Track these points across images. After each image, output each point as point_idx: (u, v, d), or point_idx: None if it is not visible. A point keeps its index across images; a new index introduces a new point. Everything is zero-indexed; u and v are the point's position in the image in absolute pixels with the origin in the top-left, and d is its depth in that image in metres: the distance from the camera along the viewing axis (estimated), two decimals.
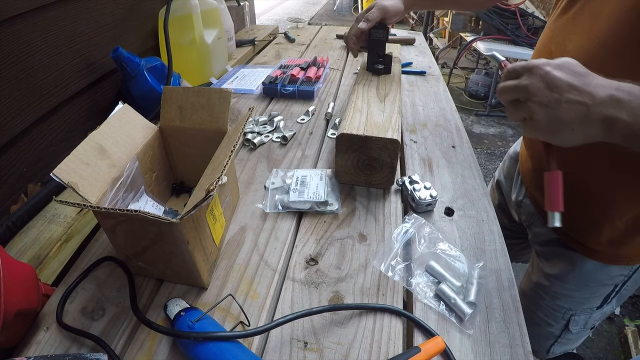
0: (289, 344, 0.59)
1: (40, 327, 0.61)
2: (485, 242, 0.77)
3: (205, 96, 0.78)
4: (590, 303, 1.01)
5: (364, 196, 0.87)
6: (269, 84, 1.34)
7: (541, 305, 1.07)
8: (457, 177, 0.94)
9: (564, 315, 1.04)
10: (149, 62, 1.20)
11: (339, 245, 0.76)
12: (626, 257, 0.90)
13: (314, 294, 0.66)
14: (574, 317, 1.03)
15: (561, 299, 1.02)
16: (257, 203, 0.85)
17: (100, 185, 0.61)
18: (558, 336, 1.09)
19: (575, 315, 1.03)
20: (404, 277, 0.69)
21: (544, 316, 1.07)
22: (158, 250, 0.62)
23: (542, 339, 1.08)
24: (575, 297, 1.00)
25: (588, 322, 1.05)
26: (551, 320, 1.06)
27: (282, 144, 1.07)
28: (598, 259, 0.92)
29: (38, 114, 0.98)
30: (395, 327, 0.62)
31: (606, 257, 0.91)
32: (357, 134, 0.81)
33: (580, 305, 1.01)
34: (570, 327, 1.05)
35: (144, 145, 0.74)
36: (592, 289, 0.98)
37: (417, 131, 1.13)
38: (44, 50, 0.98)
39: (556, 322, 1.06)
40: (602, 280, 0.95)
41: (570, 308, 1.02)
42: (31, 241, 0.81)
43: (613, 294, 0.99)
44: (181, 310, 0.58)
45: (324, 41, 2.00)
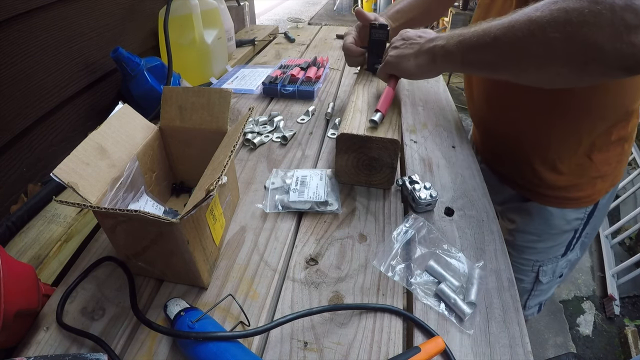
0: (289, 343, 0.59)
1: (40, 327, 0.61)
2: (485, 242, 0.77)
3: (205, 96, 0.78)
4: (554, 252, 1.11)
5: (364, 196, 0.87)
6: (269, 84, 1.34)
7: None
8: (457, 177, 0.94)
9: (532, 268, 1.14)
10: (149, 62, 1.20)
11: (339, 245, 0.76)
12: (577, 200, 1.01)
13: (314, 294, 0.66)
14: (542, 267, 1.13)
15: (526, 251, 1.12)
16: (257, 203, 0.85)
17: (100, 185, 0.61)
18: (531, 289, 1.19)
19: (543, 265, 1.13)
20: (404, 277, 0.69)
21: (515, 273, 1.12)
22: (158, 250, 0.62)
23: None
24: (539, 248, 1.10)
25: (556, 270, 1.16)
26: (522, 276, 1.16)
27: (282, 144, 1.07)
28: (552, 204, 1.03)
29: (38, 114, 0.98)
30: (395, 327, 0.62)
31: (559, 201, 1.02)
32: (357, 134, 0.81)
33: (545, 255, 1.11)
34: (541, 278, 1.15)
35: (144, 145, 0.74)
36: (553, 237, 1.08)
37: (417, 131, 1.13)
38: (44, 50, 0.98)
39: (527, 277, 1.16)
40: (560, 226, 1.05)
41: (537, 260, 1.12)
42: (31, 241, 0.81)
43: (575, 241, 1.09)
44: (181, 310, 0.58)
45: (324, 41, 2.00)
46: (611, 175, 1.00)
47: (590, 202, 1.02)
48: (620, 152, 0.98)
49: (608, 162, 0.97)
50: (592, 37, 0.56)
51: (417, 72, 0.87)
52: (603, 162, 0.96)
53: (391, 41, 0.96)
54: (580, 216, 1.04)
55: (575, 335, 2.15)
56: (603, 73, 0.60)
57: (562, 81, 0.68)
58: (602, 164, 0.96)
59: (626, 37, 0.53)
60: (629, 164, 3.03)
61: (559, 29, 0.59)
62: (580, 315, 2.25)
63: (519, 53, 0.67)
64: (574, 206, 1.02)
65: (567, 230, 1.07)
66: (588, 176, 0.97)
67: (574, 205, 1.02)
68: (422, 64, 0.84)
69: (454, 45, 0.76)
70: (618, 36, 0.54)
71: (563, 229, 1.06)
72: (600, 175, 0.98)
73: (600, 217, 1.10)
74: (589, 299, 2.35)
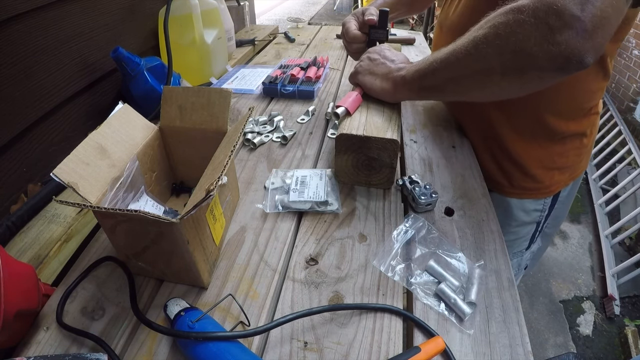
0: (289, 343, 0.59)
1: (40, 327, 0.61)
2: (485, 242, 0.77)
3: (205, 96, 0.78)
4: (518, 246, 1.15)
5: (364, 196, 0.87)
6: (269, 84, 1.34)
7: None
8: (457, 177, 0.94)
9: None
10: (149, 62, 1.20)
11: (339, 245, 0.75)
12: (535, 190, 1.04)
13: (314, 293, 0.66)
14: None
15: None
16: (257, 203, 0.85)
17: (100, 185, 0.61)
18: None
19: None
20: (404, 277, 0.69)
21: None
22: (158, 250, 0.62)
23: None
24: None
25: (521, 263, 1.20)
26: None
27: (282, 144, 1.07)
28: (511, 195, 1.06)
29: (38, 114, 0.98)
30: (395, 327, 0.62)
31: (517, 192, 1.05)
32: (357, 134, 0.81)
33: (510, 250, 1.11)
34: None
35: (144, 145, 0.74)
36: (515, 231, 1.11)
37: (417, 131, 1.13)
38: (44, 50, 0.98)
39: None
40: (520, 217, 1.08)
41: None
42: (31, 241, 0.81)
43: (537, 233, 1.13)
44: (181, 310, 0.58)
45: (324, 41, 2.00)
46: (570, 168, 1.03)
47: (548, 193, 1.05)
48: (579, 145, 1.00)
49: (565, 155, 0.99)
50: (520, 45, 0.60)
51: (380, 94, 0.91)
52: (559, 155, 0.99)
53: (368, 50, 1.01)
54: (539, 207, 1.07)
55: (576, 335, 2.15)
56: (540, 77, 0.63)
57: (506, 93, 0.72)
58: (559, 156, 0.99)
59: (551, 38, 0.56)
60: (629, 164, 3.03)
61: (489, 43, 0.63)
62: (581, 315, 2.26)
63: (460, 72, 0.72)
64: (531, 196, 1.05)
65: (527, 222, 1.09)
66: (544, 167, 1.00)
67: (532, 196, 1.05)
68: (385, 89, 0.89)
69: (411, 74, 0.82)
70: (544, 39, 0.57)
71: (523, 220, 1.08)
72: (557, 167, 1.01)
73: (562, 209, 1.13)
74: (589, 299, 2.35)
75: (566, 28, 0.55)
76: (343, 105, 0.88)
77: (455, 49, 0.70)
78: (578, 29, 0.55)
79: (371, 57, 0.96)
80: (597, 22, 0.55)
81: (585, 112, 0.95)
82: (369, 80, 0.92)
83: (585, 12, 0.54)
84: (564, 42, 0.56)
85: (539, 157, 0.99)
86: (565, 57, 0.57)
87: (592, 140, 1.04)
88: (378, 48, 0.99)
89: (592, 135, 1.03)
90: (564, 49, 0.56)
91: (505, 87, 0.68)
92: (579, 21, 0.54)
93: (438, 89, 0.81)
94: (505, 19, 0.61)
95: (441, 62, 0.74)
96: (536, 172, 1.01)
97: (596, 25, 0.55)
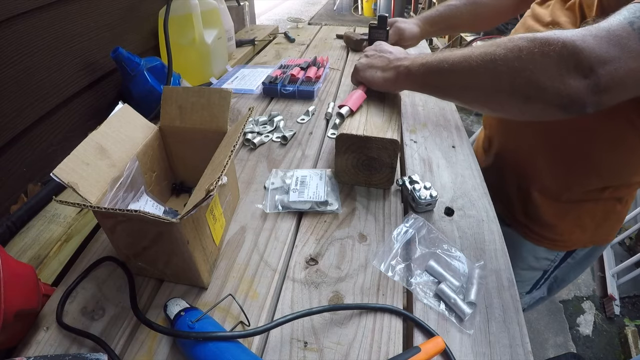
0: (289, 343, 0.59)
1: (40, 327, 0.61)
2: (485, 242, 0.77)
3: (205, 96, 0.78)
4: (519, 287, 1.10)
5: (364, 196, 0.87)
6: (269, 84, 1.34)
7: None
8: (457, 177, 0.94)
9: None
10: (149, 62, 1.20)
11: (339, 245, 0.76)
12: (551, 241, 1.02)
13: (314, 293, 0.66)
14: None
15: None
16: (257, 203, 0.85)
17: (100, 185, 0.61)
18: None
19: None
20: (404, 277, 0.69)
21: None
22: (158, 250, 0.62)
23: None
24: None
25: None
26: None
27: (282, 144, 1.07)
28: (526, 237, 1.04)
29: (38, 114, 0.98)
30: (395, 327, 0.62)
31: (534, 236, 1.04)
32: (357, 134, 0.81)
33: None
34: None
35: (144, 145, 0.74)
36: (519, 273, 1.08)
37: (417, 131, 1.13)
38: (44, 50, 0.98)
39: None
40: (528, 262, 1.07)
41: None
42: (31, 241, 0.81)
43: (542, 281, 1.11)
44: (181, 310, 0.58)
45: (324, 41, 2.00)
46: (593, 230, 1.00)
47: (563, 247, 1.03)
48: (611, 210, 0.97)
49: (592, 215, 0.97)
50: (536, 75, 0.61)
51: (382, 84, 0.91)
52: (586, 213, 0.97)
53: (364, 50, 1.03)
54: (551, 257, 1.05)
55: (575, 335, 2.15)
56: (542, 109, 0.64)
57: (504, 112, 0.74)
58: (585, 215, 0.97)
59: (565, 78, 0.58)
60: None
61: (508, 64, 0.64)
62: (581, 315, 2.26)
63: (469, 82, 0.72)
64: (546, 246, 1.03)
65: (535, 268, 1.08)
66: (567, 221, 0.98)
67: (546, 245, 1.03)
68: (387, 78, 0.90)
69: (417, 67, 0.82)
70: (559, 77, 0.59)
71: (531, 265, 1.07)
72: (579, 225, 0.99)
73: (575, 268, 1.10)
74: (589, 298, 2.35)
75: (581, 77, 0.57)
76: (346, 105, 0.88)
77: (470, 56, 0.70)
78: (591, 81, 0.57)
79: (368, 54, 0.97)
80: (610, 84, 0.57)
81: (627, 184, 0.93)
82: (369, 74, 0.93)
83: (603, 71, 0.56)
84: (575, 87, 0.58)
85: (566, 210, 0.97)
86: (570, 100, 0.59)
87: (627, 209, 1.01)
88: (374, 45, 1.01)
89: (628, 204, 1.00)
90: (572, 92, 0.58)
91: (507, 107, 0.70)
92: (595, 76, 0.56)
93: (442, 90, 0.81)
94: (530, 46, 0.62)
95: (452, 65, 0.74)
96: (558, 224, 0.99)
97: (609, 87, 0.57)
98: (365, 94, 0.93)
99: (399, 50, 0.95)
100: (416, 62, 0.83)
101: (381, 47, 0.97)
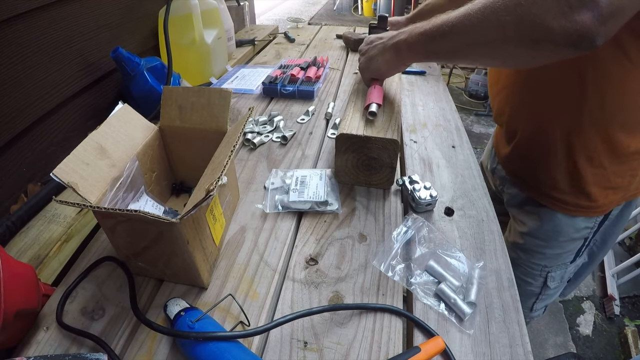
0: (289, 343, 0.59)
1: (40, 327, 0.61)
2: (485, 242, 0.77)
3: (205, 96, 0.78)
4: (563, 259, 1.11)
5: (364, 196, 0.88)
6: (269, 84, 1.34)
7: (519, 265, 1.16)
8: (457, 177, 0.94)
9: (541, 273, 1.14)
10: (149, 62, 1.20)
11: (339, 245, 0.76)
12: (587, 208, 1.00)
13: (314, 293, 0.67)
14: (550, 273, 1.14)
15: (535, 256, 1.12)
16: (257, 203, 0.85)
17: (100, 185, 0.61)
18: (539, 293, 1.20)
19: (552, 271, 1.13)
20: (404, 277, 0.69)
21: (523, 275, 1.17)
22: (158, 250, 0.62)
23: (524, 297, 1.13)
24: (548, 254, 1.10)
25: (564, 276, 1.16)
26: (530, 279, 1.16)
27: (282, 144, 1.07)
28: (563, 210, 1.02)
29: (38, 114, 0.98)
30: (396, 327, 0.62)
31: (570, 208, 1.01)
32: (357, 134, 0.81)
33: (554, 262, 1.11)
34: (549, 283, 1.16)
35: (144, 145, 0.74)
36: (561, 245, 1.08)
37: (417, 131, 1.13)
38: (44, 50, 0.98)
39: (535, 280, 1.16)
40: (569, 234, 1.05)
41: (545, 265, 1.12)
42: (31, 241, 0.81)
43: (584, 248, 1.09)
44: (181, 310, 0.58)
45: (324, 41, 2.00)
46: (624, 188, 0.99)
47: (600, 212, 1.02)
48: (636, 166, 0.95)
49: (621, 175, 0.96)
50: (540, 17, 0.61)
51: (386, 68, 0.92)
52: (615, 174, 0.95)
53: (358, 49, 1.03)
54: (590, 225, 1.04)
55: (575, 335, 2.15)
56: (553, 50, 0.64)
57: (515, 62, 0.75)
58: (614, 175, 0.95)
59: (570, 15, 0.58)
60: None
61: (509, 12, 0.64)
62: (580, 315, 2.25)
63: (475, 38, 0.71)
64: (584, 214, 1.02)
65: (576, 239, 1.07)
66: (600, 186, 0.96)
67: (584, 214, 1.02)
68: (389, 60, 0.89)
69: (416, 38, 0.81)
70: (563, 15, 0.59)
71: (572, 236, 1.06)
72: (612, 187, 0.97)
73: (612, 228, 1.09)
74: (589, 298, 2.35)
75: (584, 9, 0.57)
76: (373, 102, 0.87)
77: (469, 13, 0.70)
78: (594, 12, 0.57)
79: (362, 50, 0.99)
80: (612, 10, 0.57)
81: None
82: (373, 66, 0.93)
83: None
84: (581, 22, 0.58)
85: (596, 175, 0.95)
86: (579, 35, 0.59)
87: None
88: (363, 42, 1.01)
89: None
90: (579, 27, 0.58)
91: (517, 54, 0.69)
92: (597, 6, 0.57)
93: (447, 54, 0.80)
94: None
95: (453, 27, 0.73)
96: (591, 190, 0.97)
97: (612, 13, 0.58)
98: (381, 87, 0.94)
99: (389, 32, 0.93)
100: (414, 33, 0.82)
101: (369, 38, 0.98)
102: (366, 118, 0.86)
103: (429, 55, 0.83)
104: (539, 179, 1.03)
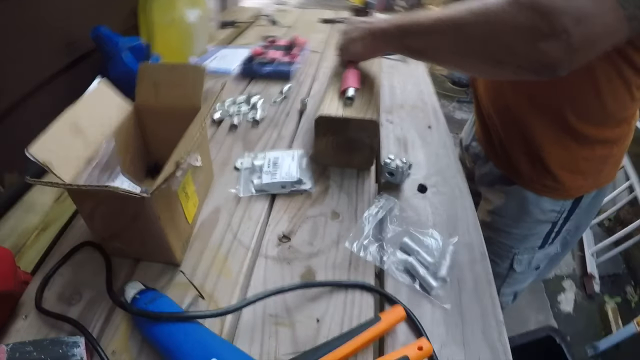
0: (262, 319, 0.60)
1: (19, 316, 0.61)
2: (458, 218, 0.78)
3: (179, 72, 0.78)
4: (530, 242, 1.11)
5: (337, 175, 0.88)
6: (246, 64, 1.34)
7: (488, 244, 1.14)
8: (432, 156, 0.95)
9: (508, 254, 1.14)
10: (129, 41, 1.17)
11: (312, 223, 0.76)
12: (553, 189, 1.00)
13: (286, 269, 0.68)
14: (517, 256, 1.14)
15: (502, 235, 1.12)
16: (232, 185, 0.85)
17: (75, 164, 0.61)
18: (505, 276, 1.20)
19: (519, 254, 1.13)
20: (377, 257, 0.70)
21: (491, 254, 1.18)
22: (133, 229, 0.62)
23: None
24: (513, 234, 1.10)
25: (532, 262, 1.16)
26: (497, 259, 1.16)
27: (257, 123, 1.07)
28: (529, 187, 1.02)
29: (13, 99, 0.96)
30: (367, 301, 0.63)
31: (537, 187, 1.01)
32: (336, 115, 0.82)
33: (521, 244, 1.12)
34: (515, 266, 1.16)
35: (119, 124, 0.73)
36: (528, 226, 1.08)
37: (393, 112, 1.14)
38: (21, 29, 0.94)
39: (502, 261, 1.16)
40: (535, 215, 1.05)
41: (512, 246, 1.13)
42: (9, 231, 0.80)
43: (553, 234, 1.09)
44: (136, 293, 0.59)
45: (308, 24, 1.98)
46: (593, 175, 1.00)
47: (567, 196, 1.02)
48: (607, 154, 0.96)
49: (590, 160, 0.96)
50: (506, 40, 0.61)
51: (365, 52, 0.95)
52: (584, 159, 0.96)
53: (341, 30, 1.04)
54: (557, 208, 1.04)
55: (557, 313, 2.19)
56: (515, 72, 0.65)
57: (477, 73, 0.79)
58: (583, 160, 0.96)
59: (537, 43, 0.58)
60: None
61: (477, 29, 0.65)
62: (561, 293, 2.30)
63: (442, 45, 0.74)
64: (549, 195, 1.02)
65: (542, 221, 1.07)
66: (567, 169, 0.97)
67: (550, 195, 1.02)
68: (368, 45, 0.92)
69: (393, 29, 0.84)
70: (530, 42, 0.58)
71: (538, 218, 1.06)
72: (580, 172, 0.98)
73: (584, 218, 1.10)
74: (569, 277, 2.39)
75: (553, 38, 0.56)
76: (350, 86, 0.87)
77: (442, 20, 0.71)
78: (564, 43, 0.56)
79: (344, 31, 1.00)
80: (584, 43, 0.56)
81: (617, 121, 0.91)
82: (352, 48, 0.95)
83: (577, 30, 0.54)
84: (547, 51, 0.57)
85: (562, 157, 0.96)
86: (542, 65, 0.59)
87: (623, 150, 1.00)
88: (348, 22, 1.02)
89: (623, 145, 0.99)
90: (543, 57, 0.58)
91: (481, 69, 0.72)
92: (568, 36, 0.55)
93: (418, 52, 0.82)
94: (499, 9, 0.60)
95: (426, 28, 0.75)
96: (558, 172, 0.97)
97: (583, 46, 0.57)
98: (356, 69, 0.95)
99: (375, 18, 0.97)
100: (392, 23, 0.84)
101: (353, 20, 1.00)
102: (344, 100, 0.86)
103: (402, 49, 0.85)
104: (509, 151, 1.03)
